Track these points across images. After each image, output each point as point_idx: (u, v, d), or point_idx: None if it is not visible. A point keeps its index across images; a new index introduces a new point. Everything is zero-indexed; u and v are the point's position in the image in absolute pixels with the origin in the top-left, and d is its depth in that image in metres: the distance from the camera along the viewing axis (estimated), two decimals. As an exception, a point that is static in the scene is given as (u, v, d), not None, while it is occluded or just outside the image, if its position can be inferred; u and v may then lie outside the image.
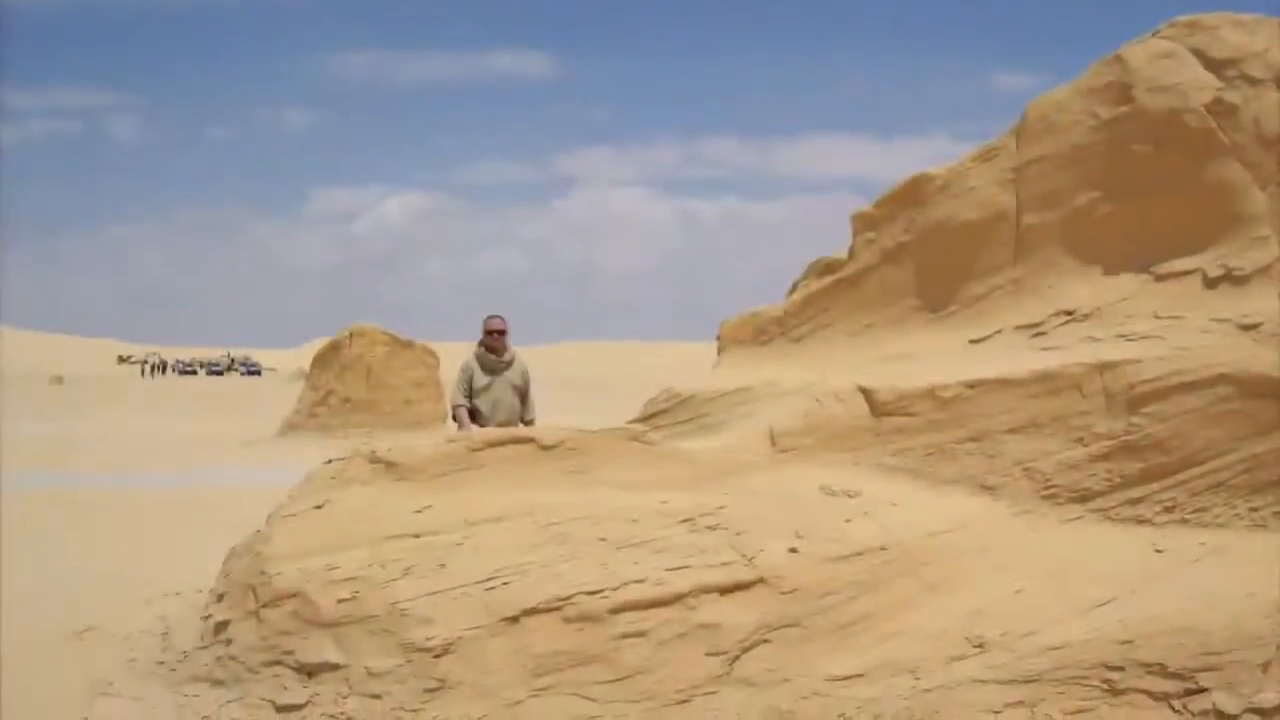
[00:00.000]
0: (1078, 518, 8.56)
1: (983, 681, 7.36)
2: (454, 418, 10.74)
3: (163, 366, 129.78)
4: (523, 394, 10.78)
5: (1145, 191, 9.57)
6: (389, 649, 7.40)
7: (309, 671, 7.52)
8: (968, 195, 10.42)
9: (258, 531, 8.73)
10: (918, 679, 7.43)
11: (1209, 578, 7.81)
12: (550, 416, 13.20)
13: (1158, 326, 8.88)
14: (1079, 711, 7.27)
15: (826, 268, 12.18)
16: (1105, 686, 7.32)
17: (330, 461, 8.86)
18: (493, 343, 10.61)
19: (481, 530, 8.02)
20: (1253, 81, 9.31)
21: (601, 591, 7.53)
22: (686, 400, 11.61)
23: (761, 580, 7.74)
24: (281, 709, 7.44)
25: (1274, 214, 9.05)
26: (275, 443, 33.42)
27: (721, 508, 8.34)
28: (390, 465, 8.52)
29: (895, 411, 9.03)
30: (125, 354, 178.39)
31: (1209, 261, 9.13)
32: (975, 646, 7.53)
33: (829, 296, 11.57)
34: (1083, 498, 8.61)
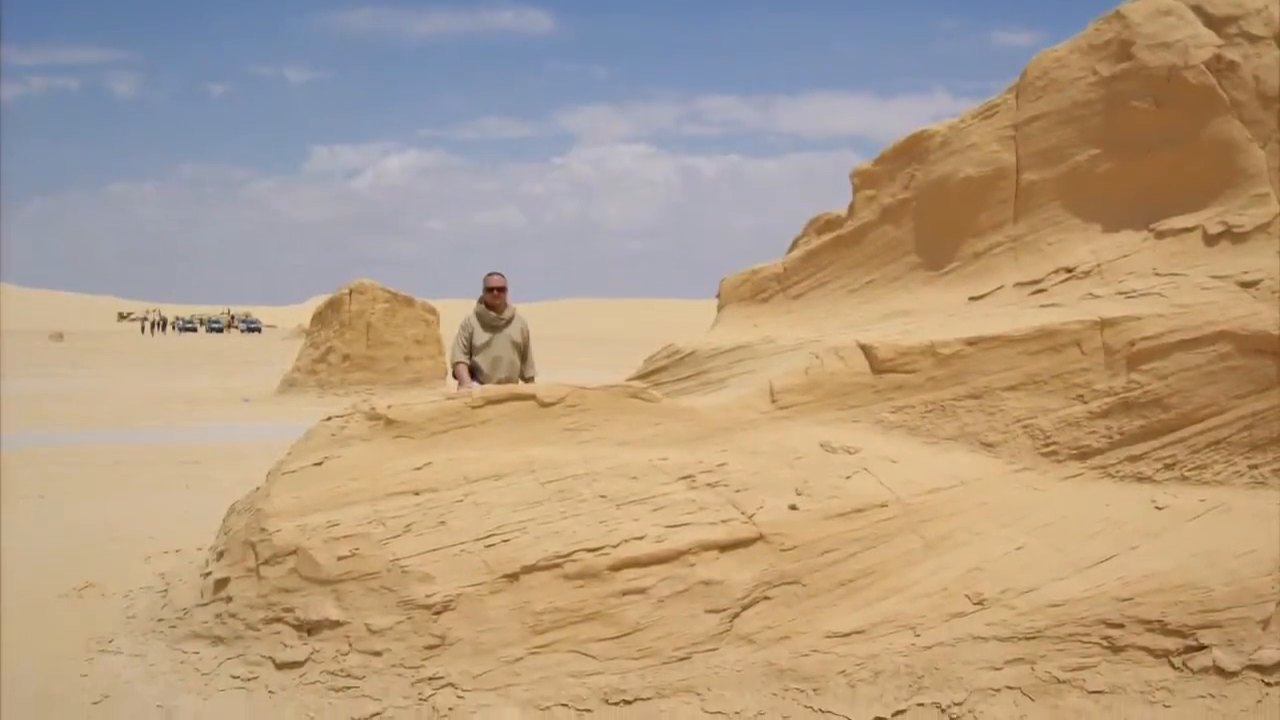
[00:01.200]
0: (1078, 475, 8.56)
1: (983, 639, 7.39)
2: (454, 375, 10.73)
3: (163, 323, 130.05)
4: (522, 351, 10.76)
5: (1145, 148, 9.51)
6: (389, 606, 7.42)
7: (309, 628, 7.55)
8: (968, 152, 10.36)
9: (258, 488, 8.74)
10: (917, 636, 7.46)
11: (1209, 535, 7.83)
12: (550, 373, 13.20)
13: (1158, 284, 8.85)
14: (1079, 668, 7.32)
15: (826, 225, 12.13)
16: (1105, 643, 7.35)
17: (330, 418, 8.85)
18: (493, 300, 10.58)
19: (481, 487, 8.03)
20: (1253, 38, 9.23)
21: (601, 548, 7.54)
22: (686, 357, 11.59)
23: (761, 537, 7.75)
24: (281, 666, 7.48)
25: (1274, 171, 9.01)
26: (275, 400, 33.51)
27: (721, 464, 8.34)
28: (390, 422, 8.50)
29: (895, 368, 9.01)
30: (126, 311, 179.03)
31: (1209, 218, 9.09)
32: (975, 603, 7.56)
33: (829, 253, 11.52)
34: (1083, 455, 8.61)
